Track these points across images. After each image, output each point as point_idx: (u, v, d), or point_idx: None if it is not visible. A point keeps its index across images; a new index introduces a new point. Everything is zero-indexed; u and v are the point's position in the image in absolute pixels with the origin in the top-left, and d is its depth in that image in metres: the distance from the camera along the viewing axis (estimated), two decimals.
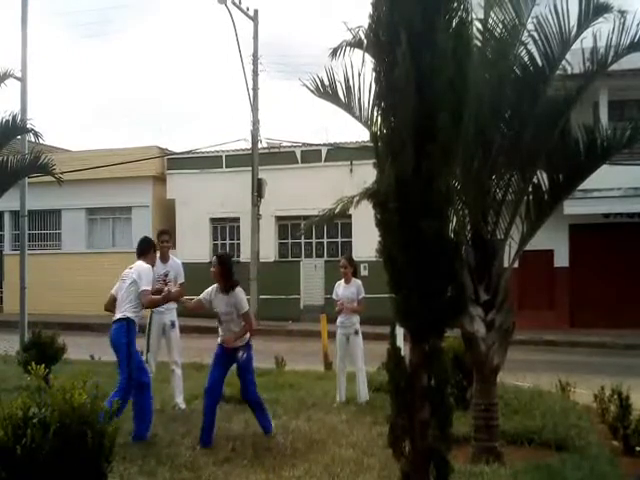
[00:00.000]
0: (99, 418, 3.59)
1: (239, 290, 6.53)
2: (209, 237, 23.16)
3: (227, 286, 6.44)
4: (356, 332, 8.34)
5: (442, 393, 3.71)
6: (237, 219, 22.64)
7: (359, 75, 5.88)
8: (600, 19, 5.57)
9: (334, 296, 8.71)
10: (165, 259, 7.97)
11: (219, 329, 6.63)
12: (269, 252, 21.88)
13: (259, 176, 20.88)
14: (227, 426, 6.86)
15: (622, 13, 5.55)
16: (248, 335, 6.58)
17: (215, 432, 6.52)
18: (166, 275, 7.84)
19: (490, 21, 5.80)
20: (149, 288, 6.56)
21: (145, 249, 6.91)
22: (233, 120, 54.81)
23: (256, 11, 21.39)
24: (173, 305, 7.98)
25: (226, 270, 6.47)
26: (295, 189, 21.11)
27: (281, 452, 5.95)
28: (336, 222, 20.52)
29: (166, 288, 7.19)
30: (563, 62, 5.74)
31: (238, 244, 22.84)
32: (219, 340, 6.61)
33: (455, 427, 4.24)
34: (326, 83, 6.39)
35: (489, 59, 5.84)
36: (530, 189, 6.02)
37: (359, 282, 8.56)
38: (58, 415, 3.41)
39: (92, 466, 3.48)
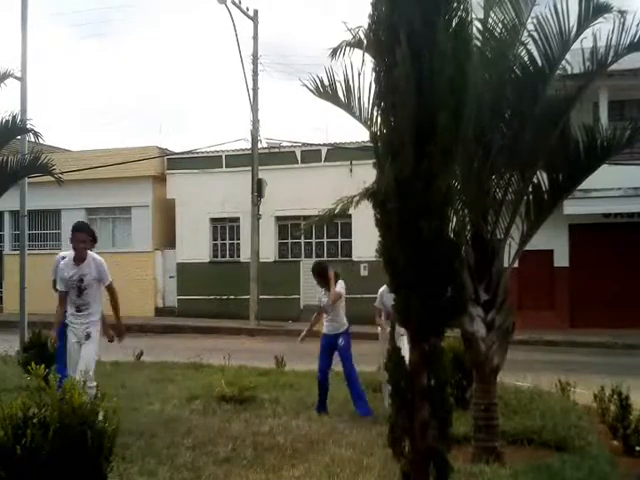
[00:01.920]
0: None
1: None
2: (209, 237, 23.16)
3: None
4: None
5: (442, 393, 3.71)
6: (237, 219, 22.65)
7: (359, 75, 5.87)
8: (600, 19, 5.57)
9: (378, 304, 7.93)
10: (81, 260, 6.60)
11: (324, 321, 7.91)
12: (269, 252, 21.89)
13: (259, 176, 20.89)
14: (227, 426, 6.87)
15: (622, 13, 5.55)
16: (347, 325, 7.91)
17: (215, 431, 6.55)
18: (81, 280, 6.56)
19: (490, 21, 5.80)
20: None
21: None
22: (233, 120, 54.92)
23: (256, 11, 21.41)
24: (95, 317, 6.69)
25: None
26: (295, 189, 21.12)
27: (281, 452, 5.95)
28: (336, 222, 20.53)
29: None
30: (563, 62, 5.74)
31: (238, 244, 22.85)
32: (324, 330, 7.93)
33: (455, 427, 4.25)
34: (326, 83, 6.39)
35: (489, 59, 5.84)
36: (530, 189, 6.02)
37: None
38: (58, 415, 3.41)
39: (92, 466, 3.48)
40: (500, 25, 5.79)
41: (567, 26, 5.54)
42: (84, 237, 6.60)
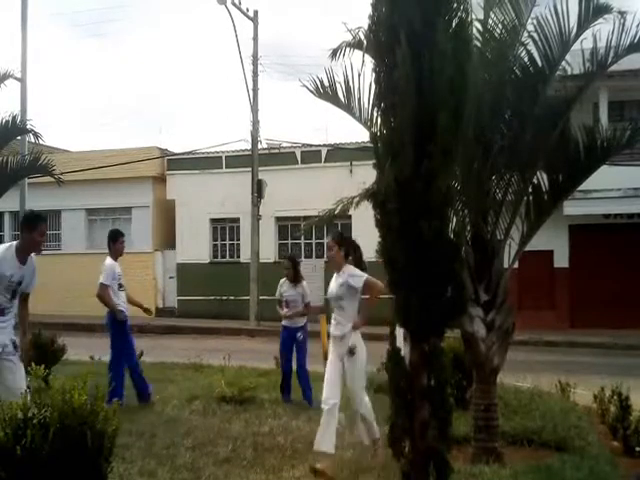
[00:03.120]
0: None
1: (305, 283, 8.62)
2: (209, 237, 23.17)
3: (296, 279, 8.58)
4: (352, 351, 5.73)
5: (442, 393, 3.71)
6: (237, 219, 22.65)
7: (359, 76, 5.87)
8: (600, 20, 5.58)
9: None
10: (26, 259, 5.30)
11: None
12: (269, 253, 21.88)
13: (259, 177, 20.89)
14: (227, 426, 6.87)
15: (622, 14, 5.55)
16: (305, 319, 8.56)
17: (215, 432, 6.56)
18: (20, 283, 5.28)
19: (490, 22, 5.81)
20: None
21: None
22: (233, 120, 54.86)
23: (256, 12, 21.41)
24: (9, 320, 5.47)
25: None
26: (295, 190, 21.12)
27: (281, 452, 5.95)
28: (336, 223, 20.48)
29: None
30: (563, 63, 5.74)
31: (238, 244, 22.85)
32: (284, 323, 8.57)
33: (455, 427, 4.25)
34: (326, 84, 6.39)
35: (489, 60, 5.84)
36: (530, 189, 6.02)
37: (354, 270, 5.97)
38: (58, 416, 3.41)
39: (92, 467, 3.47)
40: (500, 26, 5.79)
41: (567, 27, 5.55)
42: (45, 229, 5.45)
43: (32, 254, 5.38)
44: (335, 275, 6.03)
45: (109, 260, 8.07)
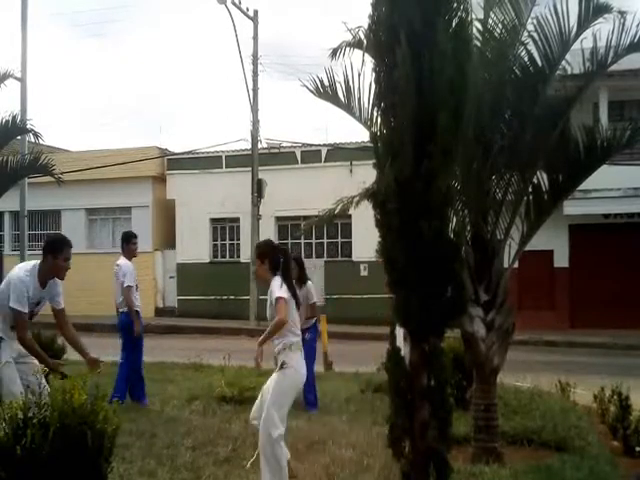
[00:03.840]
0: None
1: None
2: (209, 237, 23.16)
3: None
4: (282, 366, 5.29)
5: (442, 393, 3.71)
6: (237, 219, 22.64)
7: (359, 76, 5.87)
8: (600, 19, 5.58)
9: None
10: (46, 283, 5.21)
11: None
12: None
13: (259, 176, 20.89)
14: (227, 426, 6.87)
15: (622, 14, 5.56)
16: (313, 321, 8.05)
17: (215, 432, 6.56)
18: (38, 303, 5.23)
19: (490, 21, 5.81)
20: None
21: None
22: (233, 120, 54.85)
23: (256, 11, 21.40)
24: None
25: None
26: (295, 189, 21.11)
27: None
28: (336, 222, 20.50)
29: None
30: (563, 62, 5.75)
31: (238, 244, 22.84)
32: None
33: (455, 427, 4.25)
34: (326, 84, 6.39)
35: (489, 59, 5.84)
36: (530, 189, 6.02)
37: (275, 285, 5.46)
38: (58, 415, 3.40)
39: (92, 467, 3.47)
40: (500, 25, 5.79)
41: (567, 26, 5.55)
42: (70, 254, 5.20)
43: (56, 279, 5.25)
44: None
45: (125, 261, 8.05)
